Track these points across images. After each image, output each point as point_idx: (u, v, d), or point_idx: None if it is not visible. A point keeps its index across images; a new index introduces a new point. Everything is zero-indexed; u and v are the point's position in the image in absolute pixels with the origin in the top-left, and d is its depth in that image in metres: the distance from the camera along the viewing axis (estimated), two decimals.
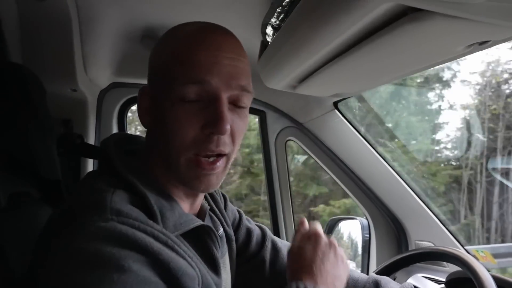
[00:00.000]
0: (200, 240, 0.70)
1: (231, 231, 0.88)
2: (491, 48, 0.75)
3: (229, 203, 0.95)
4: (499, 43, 0.72)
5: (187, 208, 0.74)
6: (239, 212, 0.98)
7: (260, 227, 0.99)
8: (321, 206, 5.75)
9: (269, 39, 1.03)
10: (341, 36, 0.69)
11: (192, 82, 0.60)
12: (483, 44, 0.70)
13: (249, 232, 0.95)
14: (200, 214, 0.78)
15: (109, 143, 0.69)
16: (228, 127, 0.61)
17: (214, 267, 0.71)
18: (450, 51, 0.72)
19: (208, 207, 0.82)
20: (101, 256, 0.51)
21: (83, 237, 0.53)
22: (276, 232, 1.62)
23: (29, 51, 1.03)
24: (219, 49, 0.62)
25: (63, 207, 0.63)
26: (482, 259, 1.56)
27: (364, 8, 0.54)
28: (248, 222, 0.98)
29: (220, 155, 0.65)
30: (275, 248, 0.96)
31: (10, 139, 0.76)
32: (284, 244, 0.99)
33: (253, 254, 0.94)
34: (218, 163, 0.65)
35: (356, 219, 1.65)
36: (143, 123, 0.68)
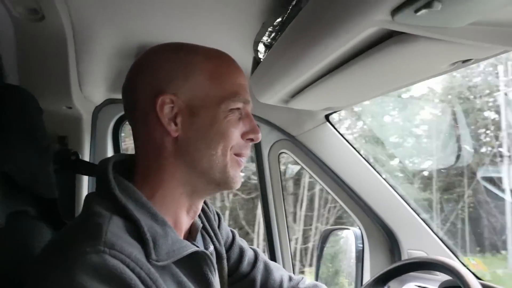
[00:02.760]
0: (194, 264, 0.71)
1: (222, 249, 0.90)
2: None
3: (223, 222, 0.97)
4: (482, 61, 0.75)
5: (183, 225, 0.76)
6: (232, 232, 1.00)
7: (253, 249, 1.02)
8: None
9: (261, 56, 1.06)
10: (330, 57, 0.72)
11: (241, 101, 0.73)
12: (466, 62, 0.73)
13: (241, 252, 0.97)
14: (192, 232, 0.80)
15: (107, 165, 0.70)
16: None
17: None
18: (434, 69, 0.75)
19: (201, 225, 0.83)
20: None
21: (72, 267, 0.55)
22: (270, 242, 1.64)
23: (25, 71, 1.05)
24: (243, 74, 0.78)
25: (61, 232, 0.66)
26: (473, 267, 1.58)
27: (350, 32, 0.57)
28: (242, 242, 1.00)
29: None
30: (266, 270, 0.98)
31: (8, 159, 0.77)
32: (276, 267, 1.01)
33: (244, 274, 0.96)
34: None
35: (349, 229, 1.67)
36: (170, 131, 0.70)
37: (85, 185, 1.34)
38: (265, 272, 0.98)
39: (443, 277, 1.29)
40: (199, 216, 0.88)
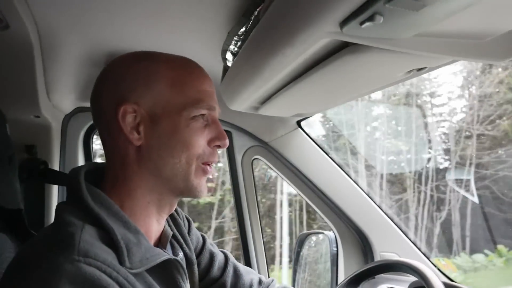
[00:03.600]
0: (166, 272, 0.72)
1: (192, 255, 0.90)
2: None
3: (193, 227, 0.97)
4: (436, 69, 0.78)
5: (153, 233, 0.76)
6: (203, 236, 1.00)
7: (223, 253, 1.03)
8: None
9: (229, 64, 1.08)
10: (291, 65, 0.73)
11: (204, 107, 0.73)
12: (421, 70, 0.76)
13: (212, 256, 0.98)
14: (163, 240, 0.81)
15: (79, 174, 0.70)
16: None
17: None
18: (391, 77, 0.78)
19: (171, 233, 0.84)
20: None
21: (49, 280, 0.55)
22: (245, 248, 1.64)
23: None
24: (210, 80, 0.78)
25: (31, 243, 0.65)
26: (443, 268, 1.63)
27: (305, 42, 0.59)
28: (212, 246, 1.01)
29: None
30: (236, 274, 1.00)
31: None
32: (246, 271, 1.03)
33: (214, 279, 0.97)
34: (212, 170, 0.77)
35: (324, 233, 1.69)
36: (132, 140, 0.71)
37: (55, 194, 1.32)
38: (234, 276, 0.99)
39: (413, 278, 1.32)
40: (168, 222, 0.88)
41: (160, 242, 0.80)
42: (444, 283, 0.93)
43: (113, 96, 0.72)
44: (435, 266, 1.45)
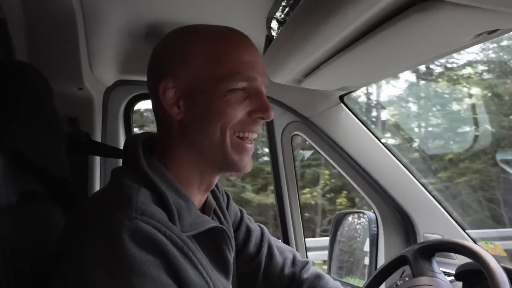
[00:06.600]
0: (212, 240, 0.73)
1: (230, 229, 0.90)
2: None
3: (231, 201, 0.97)
4: (508, 32, 0.71)
5: (195, 201, 0.76)
6: (241, 211, 1.00)
7: (260, 227, 1.02)
8: None
9: (274, 33, 1.03)
10: (348, 28, 0.68)
11: (242, 79, 0.70)
12: (492, 33, 0.69)
13: (248, 232, 0.98)
14: (206, 211, 0.81)
15: (137, 142, 0.73)
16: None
17: (225, 269, 0.75)
18: (458, 41, 0.71)
19: (214, 203, 0.84)
20: (123, 257, 0.56)
21: (107, 233, 0.59)
22: (283, 225, 1.62)
23: (34, 51, 1.03)
24: (253, 49, 0.74)
25: (90, 201, 0.71)
26: (491, 251, 1.55)
27: None
28: (249, 221, 1.00)
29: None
30: (270, 253, 0.99)
31: (19, 138, 0.76)
32: (280, 250, 1.01)
33: (250, 255, 0.96)
34: (253, 145, 0.76)
35: (363, 212, 1.64)
36: (172, 114, 0.72)
37: (98, 166, 1.34)
38: (268, 255, 0.98)
39: (460, 261, 1.26)
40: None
41: (204, 213, 0.80)
42: (504, 267, 0.87)
43: (156, 72, 0.74)
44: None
